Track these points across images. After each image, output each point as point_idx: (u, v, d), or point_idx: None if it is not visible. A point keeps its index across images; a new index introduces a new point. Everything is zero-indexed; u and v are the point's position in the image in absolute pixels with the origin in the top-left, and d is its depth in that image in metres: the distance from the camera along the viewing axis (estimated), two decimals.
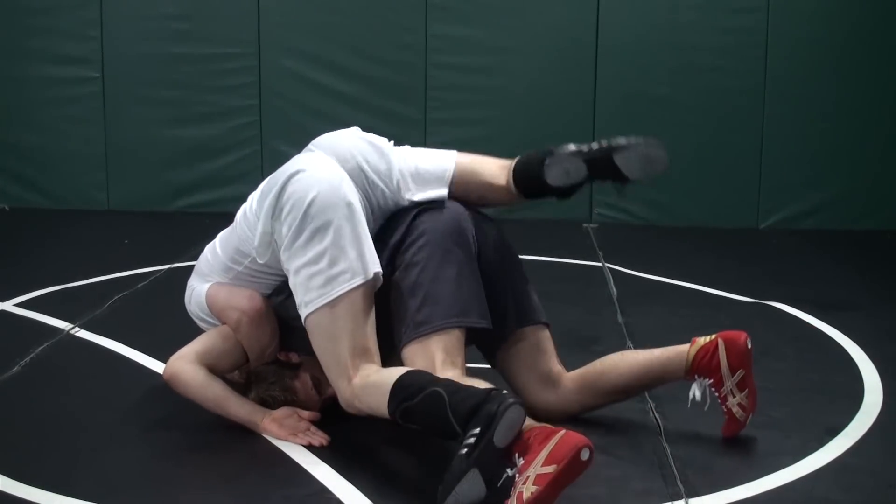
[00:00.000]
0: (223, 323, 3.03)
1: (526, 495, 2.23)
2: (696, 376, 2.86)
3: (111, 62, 6.68)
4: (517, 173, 2.97)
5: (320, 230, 2.70)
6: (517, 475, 2.29)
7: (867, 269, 5.37)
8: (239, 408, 2.92)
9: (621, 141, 2.91)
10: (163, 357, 3.53)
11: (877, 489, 2.60)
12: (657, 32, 6.46)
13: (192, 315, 3.20)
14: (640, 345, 3.61)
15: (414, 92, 6.60)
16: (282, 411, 2.90)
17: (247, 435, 2.90)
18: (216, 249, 3.09)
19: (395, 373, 2.59)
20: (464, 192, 2.98)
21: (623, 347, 3.67)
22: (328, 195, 2.73)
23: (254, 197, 2.94)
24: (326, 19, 6.63)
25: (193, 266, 3.24)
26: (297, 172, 2.78)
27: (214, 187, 6.73)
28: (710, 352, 2.84)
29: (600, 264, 5.24)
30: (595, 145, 2.94)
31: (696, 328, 3.29)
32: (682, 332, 3.28)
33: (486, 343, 3.02)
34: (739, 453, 2.80)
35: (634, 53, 6.48)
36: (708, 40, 6.44)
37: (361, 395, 2.65)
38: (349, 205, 2.75)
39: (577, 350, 3.38)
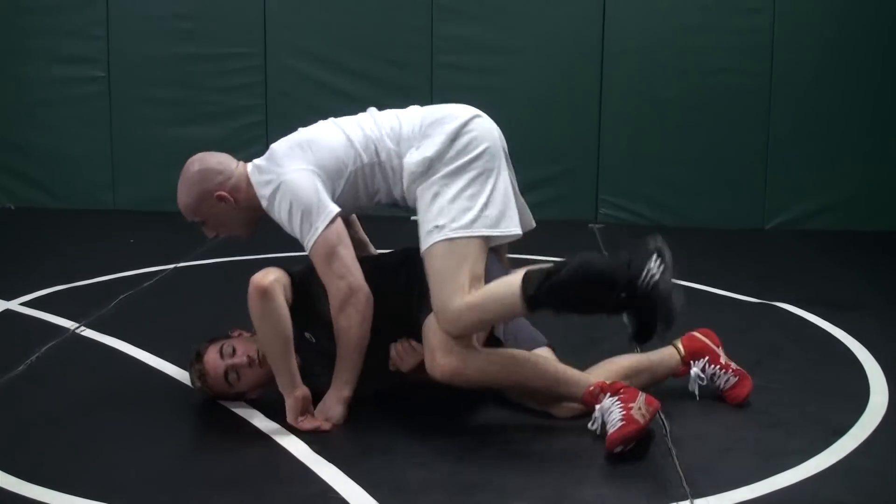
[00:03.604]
0: (316, 268, 2.93)
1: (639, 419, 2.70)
2: (691, 361, 3.14)
3: (117, 62, 6.69)
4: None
5: (485, 175, 2.88)
6: (621, 403, 2.74)
7: (873, 270, 5.36)
8: (292, 364, 2.88)
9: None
10: (168, 356, 3.56)
11: (883, 489, 2.60)
12: (663, 33, 6.45)
13: (269, 207, 2.99)
14: (645, 346, 3.59)
15: (420, 92, 6.59)
16: (306, 393, 2.90)
17: (251, 434, 2.90)
18: (375, 122, 3.06)
19: (516, 273, 2.73)
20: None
21: (627, 348, 3.66)
22: (496, 149, 2.94)
23: (411, 120, 2.99)
24: (333, 19, 6.63)
25: (199, 265, 3.23)
26: (478, 116, 2.98)
27: None
28: (692, 338, 3.19)
29: None
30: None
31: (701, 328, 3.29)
32: (688, 332, 3.28)
33: None
34: (745, 454, 2.80)
35: (640, 54, 6.48)
36: (714, 41, 6.43)
37: (478, 303, 2.74)
38: (508, 165, 2.99)
39: (582, 350, 3.37)
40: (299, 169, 2.96)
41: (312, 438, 2.84)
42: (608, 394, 2.82)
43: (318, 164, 2.97)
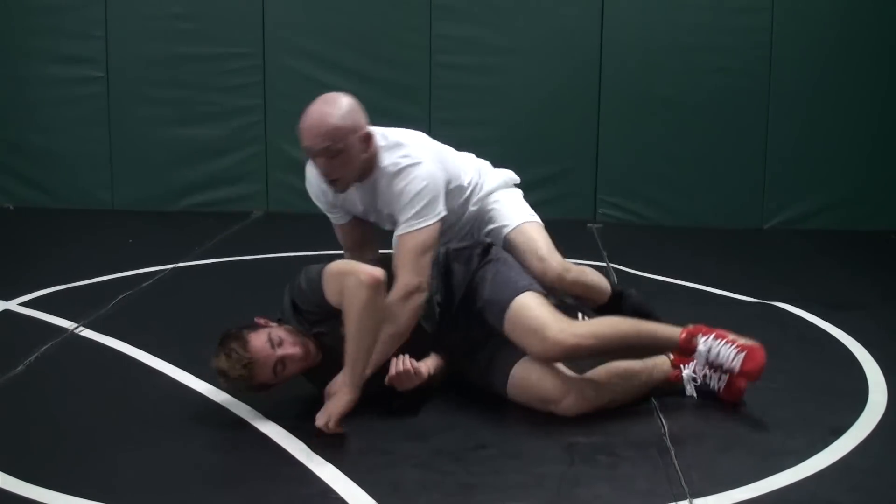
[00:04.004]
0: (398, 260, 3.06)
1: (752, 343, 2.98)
2: (699, 335, 3.04)
3: (116, 62, 6.69)
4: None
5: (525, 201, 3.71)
6: (720, 340, 2.99)
7: (871, 270, 5.37)
8: (368, 363, 2.88)
9: None
10: (167, 356, 3.55)
11: (881, 489, 2.60)
12: (662, 33, 6.45)
13: (393, 174, 3.16)
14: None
15: (419, 91, 6.60)
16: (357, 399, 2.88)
17: (252, 434, 2.91)
18: (482, 172, 3.58)
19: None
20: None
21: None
22: None
23: (478, 172, 3.58)
24: (331, 19, 6.63)
25: (198, 265, 3.22)
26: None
27: (219, 187, 6.74)
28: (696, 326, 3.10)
29: (605, 264, 5.23)
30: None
31: None
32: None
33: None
34: (743, 453, 2.80)
35: (639, 53, 6.48)
36: (712, 40, 6.43)
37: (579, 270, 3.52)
38: None
39: None
40: (440, 167, 3.24)
41: (313, 439, 2.84)
42: (699, 335, 3.02)
43: (446, 171, 3.28)
